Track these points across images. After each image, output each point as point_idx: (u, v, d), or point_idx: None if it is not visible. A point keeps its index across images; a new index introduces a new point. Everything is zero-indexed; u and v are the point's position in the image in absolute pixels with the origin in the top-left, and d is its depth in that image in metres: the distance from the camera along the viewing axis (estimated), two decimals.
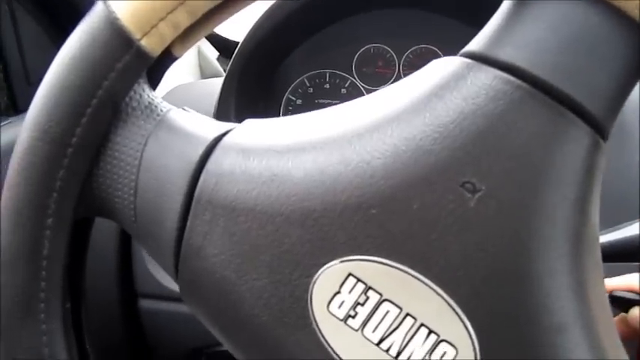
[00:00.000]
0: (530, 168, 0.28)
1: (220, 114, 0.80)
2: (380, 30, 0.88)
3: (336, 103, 0.78)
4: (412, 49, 0.88)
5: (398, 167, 0.29)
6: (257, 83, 0.85)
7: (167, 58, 0.34)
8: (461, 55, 0.30)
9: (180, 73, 1.04)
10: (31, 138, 0.33)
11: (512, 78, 0.28)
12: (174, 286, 0.83)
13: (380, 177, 0.29)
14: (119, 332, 0.87)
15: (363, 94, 0.89)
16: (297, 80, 0.91)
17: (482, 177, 0.28)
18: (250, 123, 0.35)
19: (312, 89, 0.91)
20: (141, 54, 0.32)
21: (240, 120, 0.63)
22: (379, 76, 0.89)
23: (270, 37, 0.78)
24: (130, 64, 0.32)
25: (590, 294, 0.30)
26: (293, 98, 0.91)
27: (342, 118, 0.32)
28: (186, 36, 0.34)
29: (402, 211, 0.29)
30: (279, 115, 0.92)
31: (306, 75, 0.91)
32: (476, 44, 0.30)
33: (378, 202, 0.29)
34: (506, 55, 0.28)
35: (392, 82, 0.89)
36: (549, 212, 0.28)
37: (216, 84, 0.86)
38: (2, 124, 0.64)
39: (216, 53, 1.20)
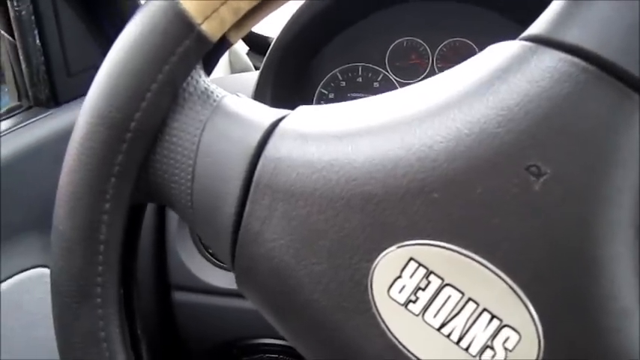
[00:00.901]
0: (596, 151, 0.27)
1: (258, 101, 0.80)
2: (413, 23, 0.88)
3: (369, 97, 0.77)
4: (446, 42, 0.87)
5: (461, 150, 0.29)
6: (291, 77, 0.85)
7: (224, 43, 0.34)
8: (522, 39, 0.30)
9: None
10: (90, 123, 0.33)
11: (577, 60, 0.28)
12: (207, 279, 0.84)
13: (443, 160, 0.29)
14: (153, 323, 0.88)
15: (396, 88, 0.89)
16: (330, 74, 0.90)
17: (547, 160, 0.27)
18: (305, 109, 0.35)
19: (344, 83, 0.90)
20: (201, 38, 0.32)
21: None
22: (412, 70, 0.89)
23: (305, 32, 0.78)
24: (190, 49, 0.32)
25: None
26: (325, 92, 0.91)
27: (400, 103, 0.32)
28: (243, 22, 0.34)
29: (465, 195, 0.28)
30: None
31: (339, 69, 0.90)
32: (538, 27, 0.29)
33: (440, 185, 0.29)
34: (571, 37, 0.28)
35: (425, 76, 0.89)
36: (615, 197, 0.28)
37: (247, 78, 0.86)
38: (44, 115, 0.65)
39: (246, 48, 1.21)
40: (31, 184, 0.64)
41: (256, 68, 1.05)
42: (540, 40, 0.29)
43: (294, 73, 0.85)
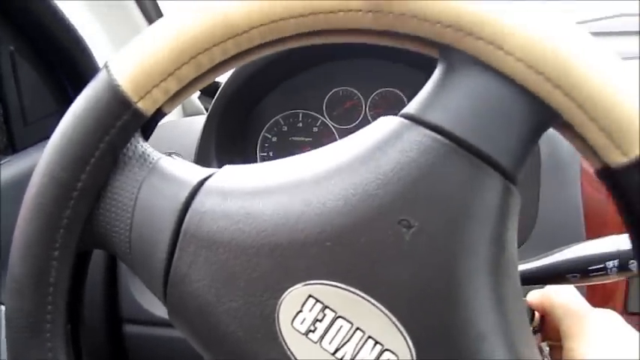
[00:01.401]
0: (454, 209, 0.34)
1: (202, 151, 0.85)
2: (348, 74, 0.95)
3: (308, 141, 0.85)
4: (377, 91, 0.95)
5: (348, 208, 0.35)
6: (236, 123, 0.91)
7: (158, 115, 0.40)
8: (399, 116, 0.36)
9: None
10: (43, 183, 0.38)
11: (438, 136, 0.34)
12: (157, 312, 0.88)
13: (334, 216, 0.35)
14: (106, 354, 0.91)
15: (333, 132, 0.95)
16: (273, 119, 0.97)
17: (415, 216, 0.34)
18: (228, 169, 0.41)
19: (286, 127, 0.97)
20: (137, 114, 0.38)
21: (219, 157, 0.69)
22: (347, 116, 0.96)
23: (248, 82, 0.84)
24: (127, 123, 0.38)
25: (508, 309, 0.36)
26: (269, 136, 0.97)
27: (304, 166, 0.38)
28: (174, 98, 0.40)
29: (352, 244, 0.35)
30: (256, 152, 0.97)
31: (281, 115, 0.97)
32: (410, 107, 0.36)
33: (332, 236, 0.35)
34: (433, 117, 0.35)
35: (359, 122, 0.95)
36: (471, 245, 0.34)
37: (198, 122, 0.92)
38: (1, 162, 0.69)
39: (198, 92, 1.26)
40: None
41: (207, 110, 1.11)
42: (411, 118, 0.35)
43: (237, 120, 0.91)
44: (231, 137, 0.91)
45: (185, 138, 0.92)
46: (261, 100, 0.95)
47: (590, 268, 0.50)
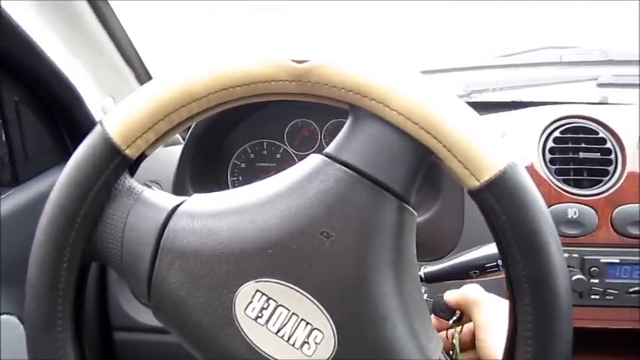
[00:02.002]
0: (361, 223, 0.46)
1: (179, 178, 0.96)
2: (305, 107, 1.06)
3: (272, 166, 1.00)
4: (330, 121, 1.07)
5: (284, 224, 0.47)
6: (208, 153, 1.02)
7: (141, 157, 0.51)
8: (322, 154, 0.48)
9: None
10: (52, 212, 0.49)
11: (348, 170, 0.46)
12: (142, 320, 0.98)
13: (273, 230, 0.47)
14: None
15: (294, 158, 1.07)
16: (241, 148, 1.08)
17: (332, 228, 0.46)
18: (196, 197, 0.52)
19: (253, 155, 1.08)
20: (125, 158, 0.49)
21: (193, 182, 0.81)
22: (306, 144, 1.07)
23: (217, 118, 0.95)
24: (117, 165, 0.49)
25: (407, 298, 0.48)
26: (238, 162, 1.08)
27: (252, 193, 0.50)
28: (153, 145, 0.51)
29: (286, 250, 0.46)
30: (227, 177, 1.09)
31: (248, 144, 1.08)
32: (329, 148, 0.48)
33: (272, 245, 0.47)
34: (344, 156, 0.47)
35: (316, 148, 1.07)
36: (375, 249, 0.46)
37: (176, 152, 1.03)
38: (7, 194, 0.80)
39: None
40: (1, 249, 0.78)
41: (184, 139, 1.22)
42: (329, 157, 0.47)
43: (210, 149, 1.02)
44: (204, 165, 1.02)
45: (166, 166, 1.02)
46: (230, 132, 1.06)
47: (486, 266, 0.62)
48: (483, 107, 1.29)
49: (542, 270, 0.43)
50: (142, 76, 1.05)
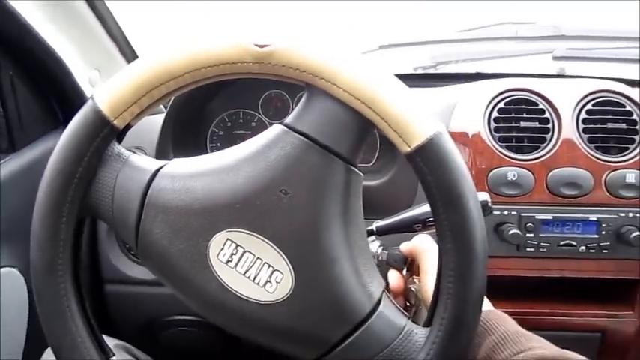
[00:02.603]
0: (314, 182, 0.55)
1: (161, 146, 1.03)
2: (277, 80, 1.13)
3: (248, 134, 1.10)
4: (301, 92, 1.13)
5: (249, 183, 0.55)
6: (188, 121, 1.08)
7: (127, 127, 0.59)
8: (282, 124, 0.56)
9: None
10: (52, 175, 0.57)
11: (303, 139, 0.55)
12: (131, 273, 1.07)
13: (240, 189, 0.55)
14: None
15: (267, 126, 1.14)
16: (219, 117, 1.15)
17: (289, 187, 0.54)
18: (176, 161, 0.60)
19: (230, 123, 1.15)
20: (113, 128, 0.57)
21: (175, 148, 0.90)
22: (279, 113, 1.15)
23: (196, 91, 1.01)
24: (107, 134, 0.57)
25: (353, 245, 0.57)
26: (216, 130, 1.15)
27: (223, 158, 0.58)
28: (138, 116, 0.58)
29: (252, 205, 0.55)
30: (206, 144, 1.16)
31: (226, 113, 1.15)
32: (288, 119, 0.56)
33: (240, 201, 0.55)
34: (300, 127, 0.55)
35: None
36: (325, 204, 0.55)
37: (159, 120, 1.09)
38: (5, 159, 0.87)
39: None
40: (2, 209, 0.85)
41: (166, 109, 1.28)
42: (288, 127, 0.55)
43: (190, 118, 1.09)
44: (185, 132, 1.09)
45: (150, 133, 1.09)
46: (208, 102, 1.13)
47: (427, 219, 0.70)
48: (448, 77, 1.37)
49: (460, 218, 0.52)
50: (126, 50, 1.12)
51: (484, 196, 0.71)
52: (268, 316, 0.56)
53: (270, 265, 0.55)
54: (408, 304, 0.73)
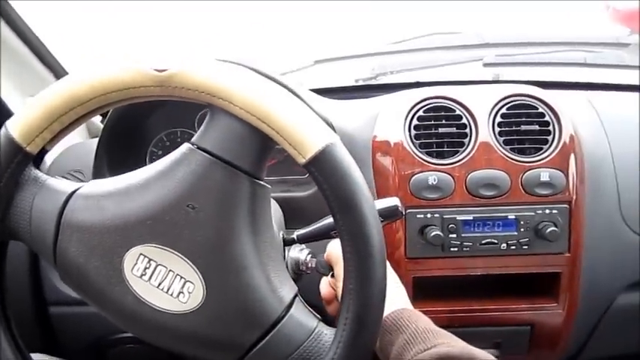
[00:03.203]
0: (219, 196, 0.58)
1: (97, 167, 1.05)
2: None
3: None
4: None
5: (158, 199, 0.58)
6: (124, 141, 1.09)
7: (42, 152, 0.62)
8: (188, 143, 0.59)
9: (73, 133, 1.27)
10: None
11: (207, 156, 0.58)
12: (75, 294, 1.07)
13: (150, 205, 0.58)
14: (36, 333, 1.10)
15: None
16: (157, 137, 1.17)
17: (196, 201, 0.57)
18: (92, 182, 0.63)
19: (168, 142, 1.17)
20: (27, 154, 0.59)
21: (112, 170, 0.92)
22: None
23: (129, 111, 1.04)
24: (21, 160, 0.60)
25: (263, 253, 0.60)
26: (155, 150, 1.17)
27: (134, 177, 0.61)
28: (51, 142, 0.61)
29: (161, 221, 0.58)
30: (145, 163, 1.18)
31: (164, 132, 1.17)
32: (194, 138, 0.59)
33: (150, 217, 0.58)
34: (204, 144, 0.58)
35: None
36: (232, 216, 0.58)
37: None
38: None
39: (99, 117, 1.44)
40: None
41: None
42: (193, 144, 0.59)
43: (126, 138, 1.10)
44: (122, 154, 1.10)
45: (87, 156, 1.10)
46: (143, 122, 1.14)
47: None
48: (388, 88, 1.41)
49: (356, 224, 0.56)
50: (61, 73, 1.13)
51: (394, 201, 0.75)
52: (183, 325, 0.59)
53: (182, 277, 0.58)
54: None
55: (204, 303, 0.58)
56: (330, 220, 0.76)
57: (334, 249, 0.75)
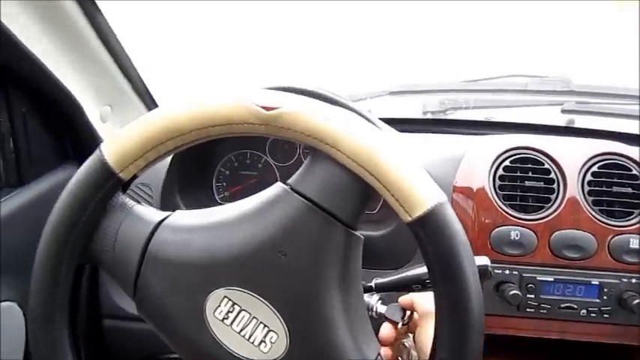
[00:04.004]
0: (312, 246, 0.55)
1: (167, 182, 1.03)
2: None
3: (254, 174, 1.09)
4: None
5: (249, 242, 0.55)
6: (195, 160, 1.09)
7: (133, 179, 0.60)
8: (285, 184, 0.56)
9: None
10: (57, 220, 0.58)
11: (304, 200, 0.55)
12: (131, 309, 1.06)
13: (240, 247, 0.55)
14: (90, 344, 1.09)
15: (274, 169, 1.15)
16: (226, 157, 1.16)
17: (288, 248, 0.54)
18: (179, 213, 0.61)
19: (237, 163, 1.16)
20: (119, 180, 0.58)
21: (181, 186, 0.90)
22: (286, 156, 1.15)
23: None
24: (112, 185, 0.58)
25: (350, 308, 0.57)
26: (223, 170, 1.16)
27: (224, 213, 0.58)
28: (143, 169, 0.59)
29: (249, 265, 0.55)
30: (212, 182, 1.16)
31: (233, 153, 1.16)
32: (291, 180, 0.56)
33: (239, 259, 0.55)
34: (302, 189, 0.55)
35: (294, 160, 1.15)
36: (323, 267, 0.55)
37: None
38: (14, 193, 0.88)
39: None
40: (6, 242, 0.85)
41: None
42: (290, 187, 0.56)
43: (198, 157, 1.10)
44: (192, 171, 1.10)
45: (156, 170, 1.09)
46: (215, 142, 1.13)
47: (427, 281, 0.70)
48: (458, 124, 1.38)
49: (458, 293, 0.52)
50: (139, 86, 1.13)
51: (484, 260, 0.71)
52: None
53: (265, 325, 0.55)
54: (399, 359, 0.72)
55: (286, 356, 0.55)
56: (412, 272, 0.73)
57: (422, 303, 0.72)
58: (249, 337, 0.55)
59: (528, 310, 0.93)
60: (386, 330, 0.73)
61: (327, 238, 0.55)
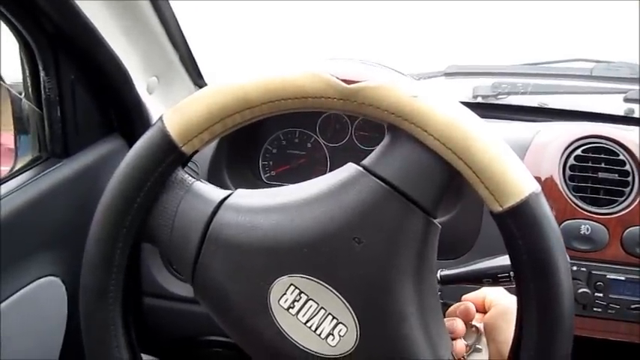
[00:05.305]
0: (390, 232, 0.50)
1: (216, 157, 1.00)
2: None
3: (302, 154, 1.05)
4: (361, 118, 1.10)
5: (319, 226, 0.51)
6: (244, 136, 1.06)
7: (194, 154, 0.56)
8: (359, 165, 0.52)
9: None
10: (113, 195, 0.54)
11: (381, 183, 0.50)
12: (171, 288, 1.04)
13: (309, 231, 0.51)
14: None
15: (323, 149, 1.11)
16: (274, 135, 1.12)
17: (364, 235, 0.50)
18: (240, 191, 0.57)
19: (285, 142, 1.12)
20: (181, 154, 0.54)
21: (229, 163, 0.85)
22: (336, 136, 1.11)
23: None
24: (173, 160, 0.54)
25: (424, 301, 0.52)
26: (270, 148, 1.12)
27: (292, 194, 0.54)
28: (206, 143, 0.55)
29: (320, 251, 0.51)
30: (259, 160, 1.13)
31: (282, 131, 1.12)
32: (366, 161, 0.52)
33: (307, 245, 0.51)
34: (379, 170, 0.51)
35: (346, 141, 1.11)
36: (400, 256, 0.51)
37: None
38: (59, 164, 0.85)
39: None
40: (50, 215, 0.83)
41: None
42: (366, 169, 0.51)
43: (246, 133, 1.06)
44: (239, 147, 1.06)
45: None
46: (265, 119, 1.09)
47: (499, 275, 0.65)
48: (510, 109, 1.32)
49: (550, 291, 0.47)
50: (187, 59, 1.09)
51: None
52: None
53: (334, 317, 0.51)
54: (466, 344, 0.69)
55: (355, 350, 0.51)
56: (481, 265, 0.68)
57: (500, 299, 0.67)
58: (317, 329, 0.51)
59: (595, 309, 0.88)
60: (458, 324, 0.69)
61: (405, 225, 0.51)
